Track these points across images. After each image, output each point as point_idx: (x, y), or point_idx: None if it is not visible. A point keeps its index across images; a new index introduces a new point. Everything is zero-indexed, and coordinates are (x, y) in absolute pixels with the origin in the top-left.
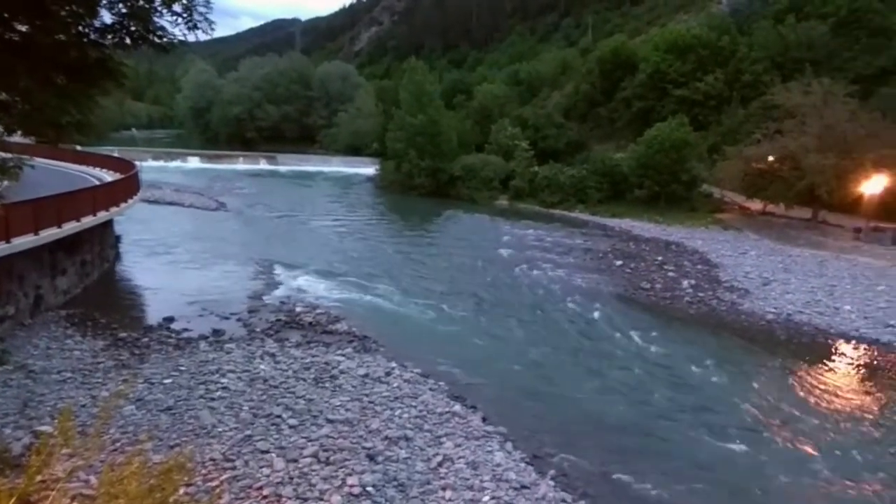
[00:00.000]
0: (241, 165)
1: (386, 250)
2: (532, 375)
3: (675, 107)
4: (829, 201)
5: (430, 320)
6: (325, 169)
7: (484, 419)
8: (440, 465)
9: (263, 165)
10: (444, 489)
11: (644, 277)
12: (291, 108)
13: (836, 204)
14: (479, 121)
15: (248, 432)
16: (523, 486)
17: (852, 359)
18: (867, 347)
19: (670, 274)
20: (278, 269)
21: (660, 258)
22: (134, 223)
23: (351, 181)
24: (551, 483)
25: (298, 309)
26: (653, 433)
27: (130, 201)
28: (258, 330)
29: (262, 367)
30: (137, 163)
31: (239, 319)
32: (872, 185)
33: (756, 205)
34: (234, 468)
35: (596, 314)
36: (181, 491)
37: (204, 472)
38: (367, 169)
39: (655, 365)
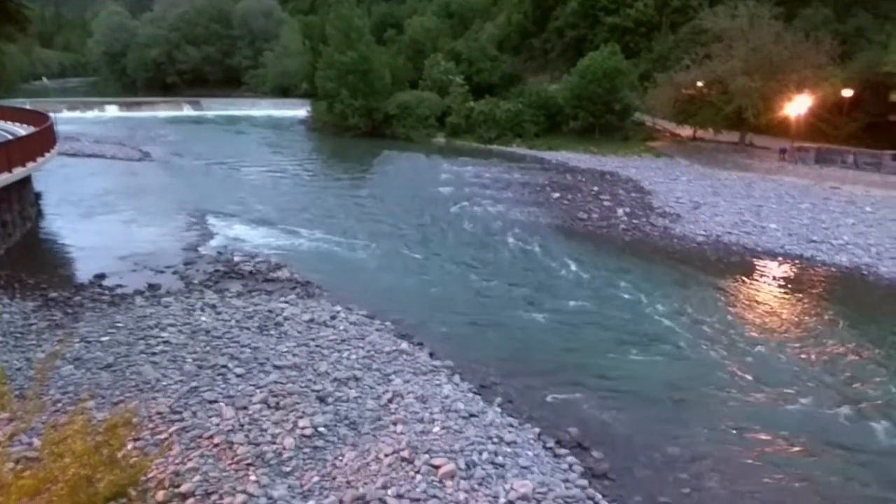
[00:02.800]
0: (163, 112)
1: (323, 194)
2: (476, 309)
3: (606, 35)
4: (756, 124)
5: (372, 262)
6: (254, 112)
7: (431, 354)
8: (390, 401)
9: (187, 111)
10: (395, 424)
11: (581, 208)
12: (213, 49)
13: (762, 127)
14: (412, 56)
15: (194, 384)
16: (472, 415)
17: (778, 274)
18: (791, 262)
19: (606, 203)
20: (212, 220)
21: (595, 188)
22: (55, 179)
23: (282, 124)
24: (498, 410)
25: (237, 258)
26: (591, 356)
27: (48, 155)
28: (196, 282)
29: (203, 318)
30: (52, 114)
31: (175, 272)
32: (796, 106)
33: (686, 131)
34: (182, 420)
35: (535, 246)
36: (129, 446)
37: (151, 425)
38: (299, 111)
39: (593, 292)
